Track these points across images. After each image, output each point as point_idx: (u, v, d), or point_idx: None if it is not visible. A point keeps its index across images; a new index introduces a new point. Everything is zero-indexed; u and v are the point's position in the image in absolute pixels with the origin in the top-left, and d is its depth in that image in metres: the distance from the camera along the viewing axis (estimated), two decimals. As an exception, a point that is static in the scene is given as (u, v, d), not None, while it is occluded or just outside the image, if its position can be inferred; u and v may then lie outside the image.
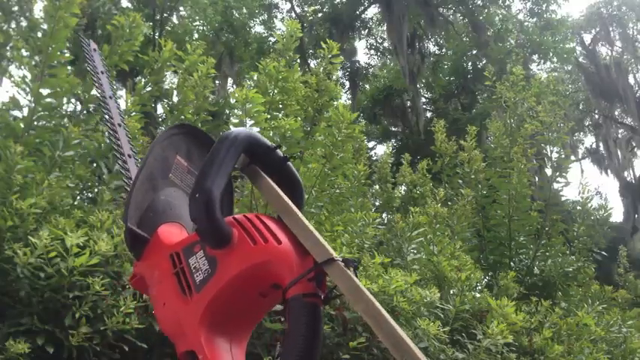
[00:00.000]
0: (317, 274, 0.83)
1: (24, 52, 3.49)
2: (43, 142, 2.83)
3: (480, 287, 5.61)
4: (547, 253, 6.38)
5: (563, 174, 6.61)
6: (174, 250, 0.90)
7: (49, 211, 2.43)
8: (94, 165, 3.34)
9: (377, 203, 7.42)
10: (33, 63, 3.10)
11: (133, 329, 2.16)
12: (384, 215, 7.20)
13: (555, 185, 6.62)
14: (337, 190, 4.72)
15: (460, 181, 6.66)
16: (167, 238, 0.94)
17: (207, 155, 0.92)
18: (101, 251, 2.20)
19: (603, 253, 6.69)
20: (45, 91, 3.04)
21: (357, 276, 0.88)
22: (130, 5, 17.05)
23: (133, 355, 2.20)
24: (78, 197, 3.15)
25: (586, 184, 6.60)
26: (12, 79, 3.44)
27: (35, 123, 2.96)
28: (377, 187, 7.18)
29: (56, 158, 2.67)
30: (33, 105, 2.96)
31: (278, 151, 1.01)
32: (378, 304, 0.90)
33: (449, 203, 6.15)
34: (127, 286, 2.23)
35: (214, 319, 0.87)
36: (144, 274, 0.97)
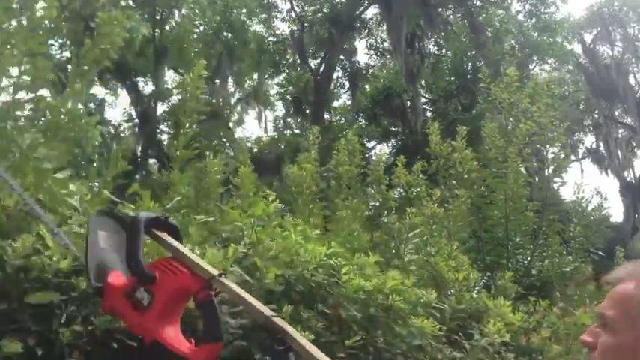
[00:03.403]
0: (208, 284, 1.57)
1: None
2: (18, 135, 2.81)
3: (477, 288, 5.60)
4: (544, 253, 6.38)
5: (560, 174, 6.60)
6: (124, 290, 1.59)
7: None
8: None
9: (375, 204, 7.41)
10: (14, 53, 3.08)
11: (122, 327, 2.14)
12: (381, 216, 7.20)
13: (554, 185, 6.62)
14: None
15: (454, 182, 6.65)
16: (115, 282, 1.62)
17: (128, 233, 1.64)
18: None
19: (600, 252, 6.68)
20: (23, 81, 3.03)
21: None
22: (131, 3, 17.03)
23: (124, 352, 2.19)
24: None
25: (582, 184, 6.60)
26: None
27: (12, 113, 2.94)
28: (371, 189, 7.16)
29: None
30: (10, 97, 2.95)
31: (162, 217, 1.73)
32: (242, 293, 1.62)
33: (445, 205, 6.14)
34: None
35: (163, 320, 1.60)
36: (111, 305, 1.65)
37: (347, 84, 24.45)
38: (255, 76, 24.02)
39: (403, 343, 3.32)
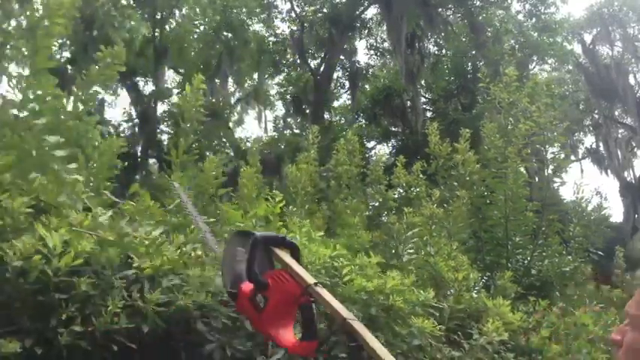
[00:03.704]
0: (306, 291, 1.82)
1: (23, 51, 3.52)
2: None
3: (477, 288, 5.60)
4: (544, 253, 6.37)
5: (559, 173, 6.60)
6: (248, 295, 1.88)
7: (40, 210, 2.41)
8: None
9: (375, 204, 7.41)
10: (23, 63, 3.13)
11: (122, 329, 2.14)
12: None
13: (553, 185, 6.62)
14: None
15: (455, 183, 6.64)
16: (244, 289, 1.91)
17: (248, 249, 1.89)
18: (85, 251, 2.19)
19: (600, 252, 6.67)
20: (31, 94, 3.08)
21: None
22: (131, 1, 17.01)
23: (123, 355, 2.19)
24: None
25: (581, 184, 6.59)
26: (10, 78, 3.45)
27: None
28: (370, 189, 7.16)
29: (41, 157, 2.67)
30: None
31: (279, 236, 2.03)
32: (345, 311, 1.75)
33: (445, 205, 6.14)
34: (115, 286, 2.22)
35: (274, 319, 1.86)
36: (240, 307, 1.95)
37: (347, 84, 24.44)
38: (256, 75, 24.02)
39: (403, 343, 3.32)
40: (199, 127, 4.52)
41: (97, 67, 3.69)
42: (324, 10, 22.35)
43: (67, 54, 16.87)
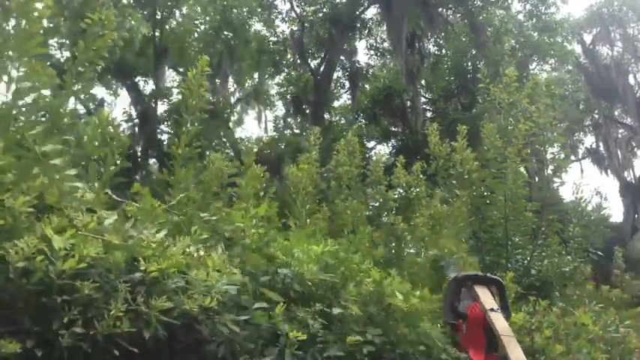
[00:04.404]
0: (487, 314, 2.46)
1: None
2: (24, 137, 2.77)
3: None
4: (544, 253, 6.38)
5: (558, 174, 6.60)
6: (459, 325, 2.65)
7: (42, 209, 2.41)
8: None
9: (375, 205, 7.40)
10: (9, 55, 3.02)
11: (124, 333, 2.14)
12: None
13: (553, 185, 6.61)
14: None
15: (454, 182, 6.64)
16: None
17: (453, 287, 2.73)
18: (90, 255, 2.18)
19: (599, 252, 6.68)
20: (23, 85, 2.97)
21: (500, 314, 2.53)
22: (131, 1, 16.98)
23: (125, 358, 2.18)
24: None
25: (580, 184, 6.59)
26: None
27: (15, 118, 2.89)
28: (370, 189, 7.16)
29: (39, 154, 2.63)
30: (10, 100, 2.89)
31: (481, 274, 2.82)
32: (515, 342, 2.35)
33: (444, 206, 6.15)
34: (118, 290, 2.22)
35: (470, 339, 2.56)
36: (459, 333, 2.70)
37: (347, 84, 24.43)
38: (256, 75, 24.01)
39: (405, 343, 3.32)
40: (203, 117, 4.22)
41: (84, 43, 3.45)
42: (324, 10, 22.33)
43: (67, 53, 16.85)
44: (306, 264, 3.15)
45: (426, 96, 24.24)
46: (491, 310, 2.44)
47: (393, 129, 23.91)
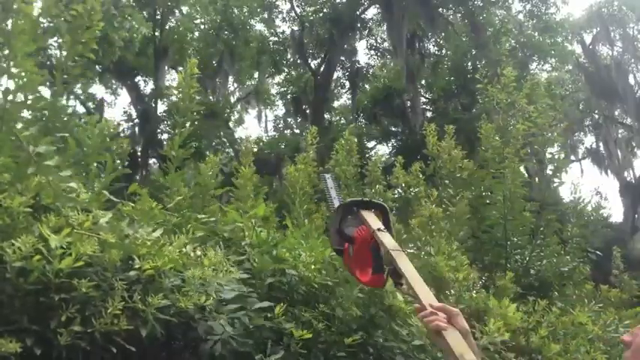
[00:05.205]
0: (374, 234, 2.35)
1: None
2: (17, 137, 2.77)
3: (477, 288, 5.60)
4: (542, 253, 6.38)
5: (558, 174, 6.61)
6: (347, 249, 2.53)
7: (38, 209, 2.42)
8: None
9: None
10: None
11: (122, 331, 2.15)
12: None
13: (552, 185, 6.63)
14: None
15: (447, 181, 6.65)
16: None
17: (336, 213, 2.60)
18: (87, 253, 2.19)
19: (598, 252, 6.69)
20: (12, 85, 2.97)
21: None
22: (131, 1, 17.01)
23: (123, 356, 2.19)
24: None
25: (578, 183, 6.61)
26: None
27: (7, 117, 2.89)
28: (369, 189, 7.16)
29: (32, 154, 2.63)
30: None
31: (365, 199, 2.65)
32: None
33: (443, 206, 6.15)
34: (115, 288, 2.23)
35: (357, 262, 2.47)
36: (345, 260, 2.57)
37: (347, 84, 24.47)
38: (256, 75, 24.04)
39: (403, 343, 3.33)
40: (195, 118, 4.28)
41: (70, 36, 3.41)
42: (325, 10, 22.35)
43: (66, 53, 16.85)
44: (313, 265, 3.15)
45: (426, 96, 24.26)
46: (379, 229, 2.32)
47: (393, 129, 23.93)
